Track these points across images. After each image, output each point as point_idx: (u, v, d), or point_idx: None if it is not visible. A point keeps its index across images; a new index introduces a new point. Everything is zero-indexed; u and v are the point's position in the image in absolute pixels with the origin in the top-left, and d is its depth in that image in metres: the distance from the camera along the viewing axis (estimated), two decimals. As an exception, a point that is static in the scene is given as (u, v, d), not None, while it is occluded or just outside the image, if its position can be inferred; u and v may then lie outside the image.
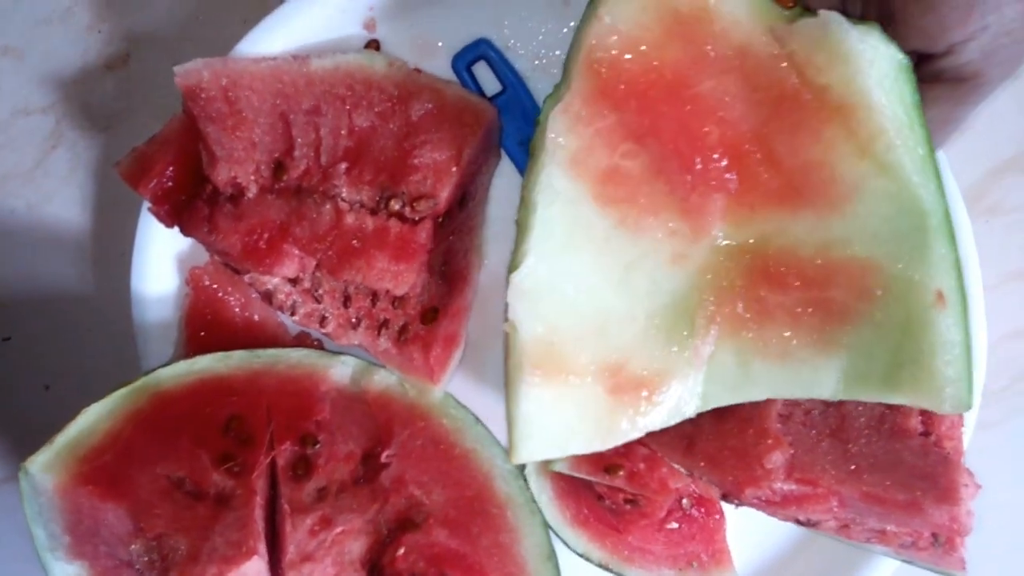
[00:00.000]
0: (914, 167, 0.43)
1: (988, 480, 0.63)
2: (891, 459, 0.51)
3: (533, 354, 0.46)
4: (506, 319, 0.46)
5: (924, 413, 0.53)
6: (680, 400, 0.47)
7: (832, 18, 0.43)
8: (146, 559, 0.55)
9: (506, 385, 0.47)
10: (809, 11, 0.45)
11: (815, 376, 0.46)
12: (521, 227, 0.47)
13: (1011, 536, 0.65)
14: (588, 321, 0.47)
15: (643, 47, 0.45)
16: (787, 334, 0.46)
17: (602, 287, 0.47)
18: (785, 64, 0.44)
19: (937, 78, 0.44)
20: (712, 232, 0.47)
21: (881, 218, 0.44)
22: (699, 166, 0.46)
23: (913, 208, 0.43)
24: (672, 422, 0.47)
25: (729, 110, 0.46)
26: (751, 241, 0.47)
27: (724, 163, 0.46)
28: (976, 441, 0.63)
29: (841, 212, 0.45)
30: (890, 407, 0.53)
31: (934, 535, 0.51)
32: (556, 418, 0.46)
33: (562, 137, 0.45)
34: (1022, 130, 0.63)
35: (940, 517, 0.50)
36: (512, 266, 0.46)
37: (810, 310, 0.46)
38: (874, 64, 0.43)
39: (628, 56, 0.45)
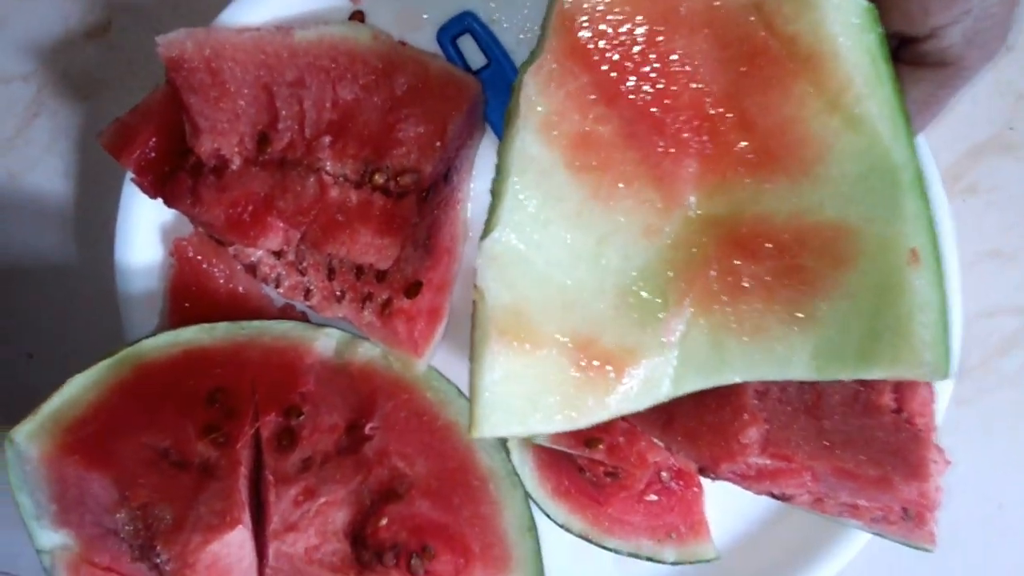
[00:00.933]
0: (883, 119, 0.43)
1: (961, 456, 0.65)
2: (864, 435, 0.52)
3: (500, 322, 0.45)
4: (475, 286, 0.45)
5: (897, 391, 0.54)
6: (651, 381, 0.46)
7: None
8: (131, 528, 0.55)
9: (471, 355, 0.46)
10: None
11: (789, 354, 0.45)
12: (495, 195, 0.46)
13: (984, 511, 0.67)
14: (558, 293, 0.46)
15: (615, 3, 0.44)
16: (760, 307, 0.45)
17: (573, 260, 0.46)
18: (754, 17, 0.44)
19: (920, 61, 0.44)
20: (685, 202, 0.46)
21: (853, 178, 0.44)
22: (670, 128, 0.45)
23: (884, 164, 0.43)
24: (644, 405, 0.46)
25: (700, 69, 0.45)
26: (724, 211, 0.46)
27: (695, 124, 0.45)
28: (950, 418, 0.64)
29: (813, 175, 0.44)
30: (864, 384, 0.53)
31: (904, 510, 0.53)
32: (520, 391, 0.45)
33: (535, 97, 0.44)
34: (1000, 111, 0.64)
35: (909, 492, 0.51)
36: (484, 233, 0.45)
37: (784, 281, 0.45)
38: (840, 8, 0.42)
39: (599, 12, 0.44)
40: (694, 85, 0.45)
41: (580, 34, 0.44)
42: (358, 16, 0.60)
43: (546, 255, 0.46)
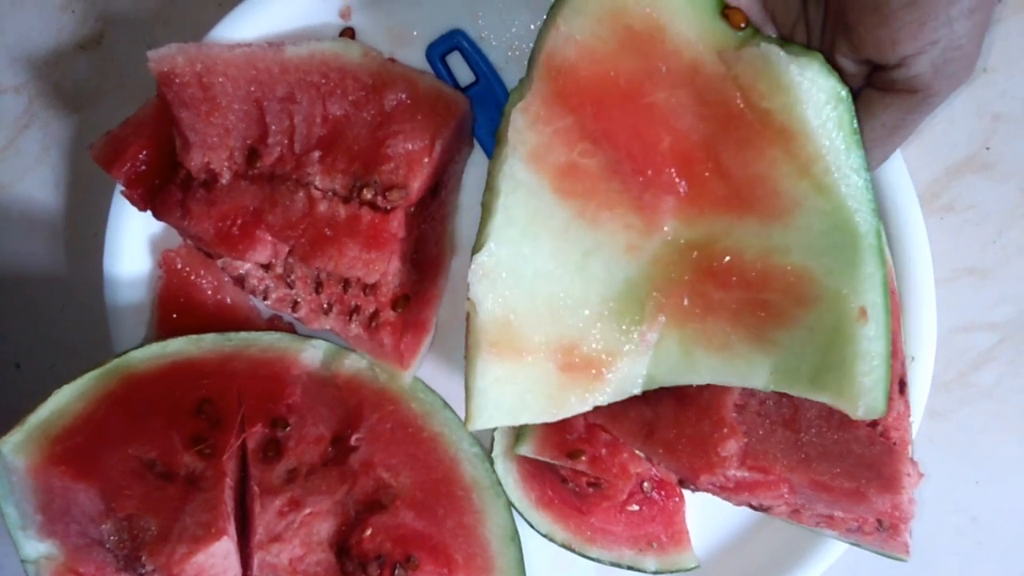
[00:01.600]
0: (849, 192, 0.46)
1: (936, 468, 0.66)
2: (839, 449, 0.53)
3: (491, 332, 0.49)
4: (468, 298, 0.48)
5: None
6: (626, 380, 0.50)
7: (772, 51, 0.45)
8: (116, 538, 0.56)
9: (466, 360, 0.49)
10: (760, 34, 0.46)
11: (750, 368, 0.48)
12: (486, 210, 0.49)
13: (958, 522, 0.68)
14: (544, 303, 0.49)
15: (598, 57, 0.47)
16: (727, 328, 0.49)
17: (560, 272, 0.50)
18: (732, 85, 0.46)
19: (890, 87, 0.45)
20: (664, 228, 0.49)
21: (818, 232, 0.46)
22: (651, 172, 0.48)
23: (847, 228, 0.46)
24: (618, 399, 0.50)
25: (680, 120, 0.48)
26: (699, 239, 0.49)
27: (674, 170, 0.48)
28: (925, 431, 0.65)
29: (783, 222, 0.47)
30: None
31: (879, 521, 0.54)
32: (510, 391, 0.49)
33: (522, 133, 0.48)
34: (979, 131, 0.65)
35: (883, 504, 0.52)
36: (475, 248, 0.49)
37: (749, 309, 0.48)
38: (812, 95, 0.45)
39: (583, 64, 0.47)
40: (674, 133, 0.48)
41: (564, 81, 0.47)
42: (348, 33, 0.61)
43: (534, 267, 0.49)
